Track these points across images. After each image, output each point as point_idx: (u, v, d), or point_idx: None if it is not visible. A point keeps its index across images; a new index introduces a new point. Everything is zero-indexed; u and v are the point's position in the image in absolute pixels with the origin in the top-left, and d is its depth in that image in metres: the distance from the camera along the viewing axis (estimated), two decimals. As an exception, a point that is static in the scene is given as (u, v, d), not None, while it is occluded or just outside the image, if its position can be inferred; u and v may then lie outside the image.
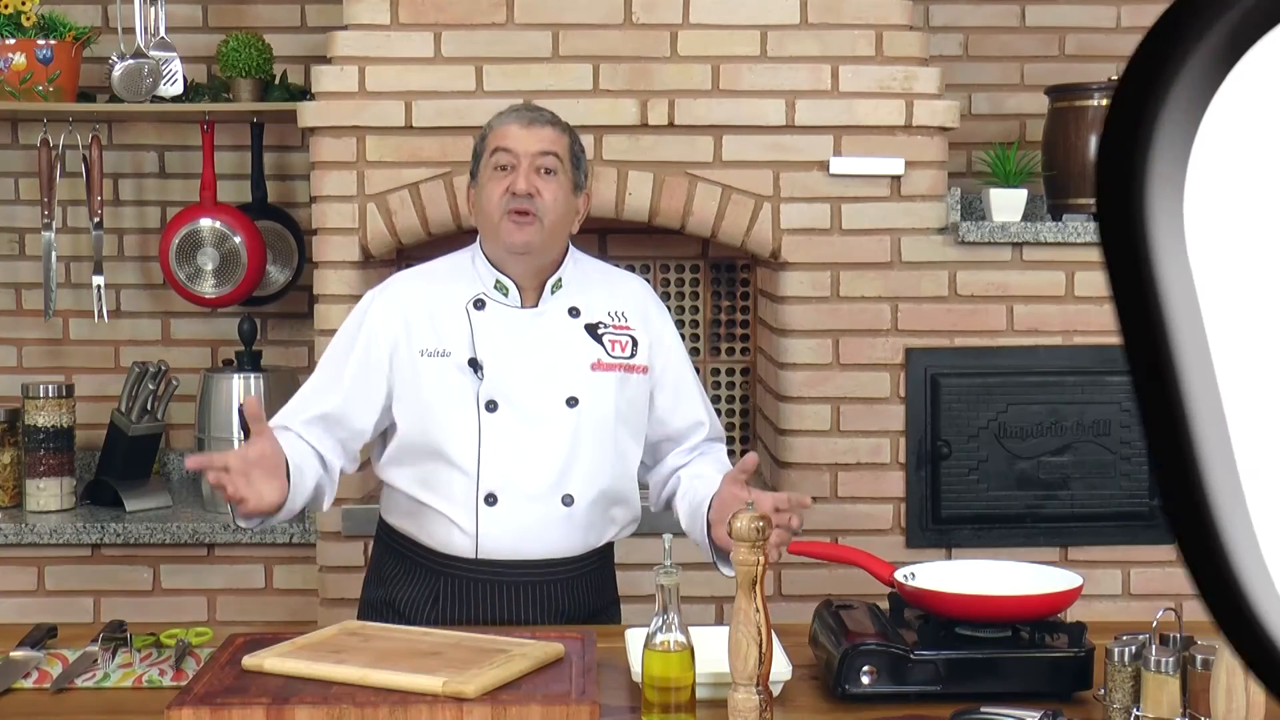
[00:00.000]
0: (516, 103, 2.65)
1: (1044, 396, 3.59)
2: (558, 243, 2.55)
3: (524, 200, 2.47)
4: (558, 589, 2.54)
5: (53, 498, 3.74)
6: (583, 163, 2.59)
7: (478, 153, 2.58)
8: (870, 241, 3.55)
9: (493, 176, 2.51)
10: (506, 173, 2.49)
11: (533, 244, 2.49)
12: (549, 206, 2.48)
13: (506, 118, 2.55)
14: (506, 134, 2.51)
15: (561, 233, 2.55)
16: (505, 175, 2.49)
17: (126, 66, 3.75)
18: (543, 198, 2.48)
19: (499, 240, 2.51)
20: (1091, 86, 3.68)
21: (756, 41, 3.50)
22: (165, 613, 3.61)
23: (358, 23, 3.50)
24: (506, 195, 2.48)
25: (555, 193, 2.50)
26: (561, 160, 2.52)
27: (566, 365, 2.53)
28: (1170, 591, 3.61)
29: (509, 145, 2.50)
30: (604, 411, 2.53)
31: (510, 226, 2.48)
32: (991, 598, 2.14)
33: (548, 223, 2.49)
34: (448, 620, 2.50)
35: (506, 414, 2.50)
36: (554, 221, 2.50)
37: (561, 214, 2.52)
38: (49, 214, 3.85)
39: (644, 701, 1.95)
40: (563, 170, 2.52)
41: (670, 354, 2.65)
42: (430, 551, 2.54)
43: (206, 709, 1.92)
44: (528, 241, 2.49)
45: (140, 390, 3.79)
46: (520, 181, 2.47)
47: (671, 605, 1.95)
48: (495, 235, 2.52)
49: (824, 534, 3.55)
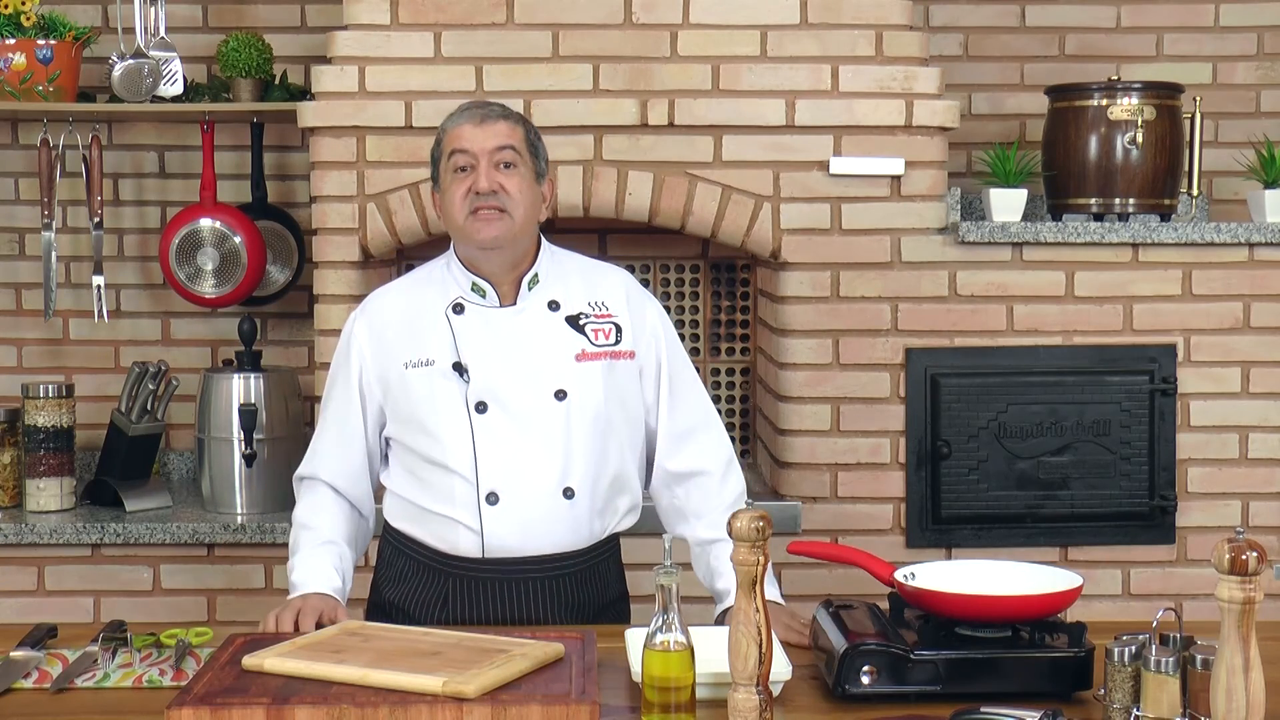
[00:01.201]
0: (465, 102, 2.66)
1: (1044, 396, 3.59)
2: (528, 233, 2.56)
3: (489, 198, 2.48)
4: (567, 583, 2.54)
5: (53, 498, 3.74)
6: (541, 150, 2.59)
7: (435, 157, 2.58)
8: (870, 241, 3.55)
9: (454, 179, 2.52)
10: (466, 174, 2.50)
11: (503, 238, 2.50)
12: (515, 199, 2.50)
13: (459, 119, 2.55)
14: (461, 135, 2.52)
15: (531, 223, 2.56)
16: (466, 176, 2.50)
17: (126, 66, 3.76)
18: (507, 192, 2.49)
19: (469, 239, 2.52)
20: (1091, 86, 3.68)
21: (756, 41, 3.50)
22: (165, 613, 3.61)
23: (358, 23, 3.50)
24: (470, 195, 2.49)
25: (519, 185, 2.51)
26: (520, 152, 2.52)
27: (551, 359, 2.54)
28: (1170, 591, 3.61)
29: (465, 146, 2.50)
30: (594, 401, 2.53)
31: (477, 224, 2.49)
32: (991, 598, 2.14)
33: (517, 216, 2.50)
34: (457, 620, 2.50)
35: (497, 414, 2.50)
36: (522, 214, 2.51)
37: (529, 205, 2.53)
38: (49, 214, 3.85)
39: (644, 701, 1.95)
40: (522, 162, 2.52)
41: (659, 341, 2.64)
42: (437, 553, 2.55)
43: (206, 709, 1.92)
44: (497, 236, 2.50)
45: (140, 390, 3.80)
46: (482, 180, 2.48)
47: (671, 605, 1.95)
48: (464, 235, 2.53)
49: (824, 534, 3.55)
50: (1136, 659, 1.94)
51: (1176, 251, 3.61)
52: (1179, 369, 3.62)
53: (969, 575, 2.25)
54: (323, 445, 2.66)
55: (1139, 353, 3.61)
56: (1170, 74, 3.95)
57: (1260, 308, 3.63)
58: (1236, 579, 1.70)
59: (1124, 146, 3.64)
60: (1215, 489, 3.66)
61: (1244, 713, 1.71)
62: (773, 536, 1.93)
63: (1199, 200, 3.84)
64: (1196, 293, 3.62)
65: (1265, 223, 3.62)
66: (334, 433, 2.65)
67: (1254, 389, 3.64)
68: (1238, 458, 3.66)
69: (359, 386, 2.60)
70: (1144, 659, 1.93)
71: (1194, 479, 3.65)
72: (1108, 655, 1.97)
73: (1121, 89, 3.65)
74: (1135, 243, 3.60)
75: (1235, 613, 1.71)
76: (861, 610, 2.24)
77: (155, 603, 3.67)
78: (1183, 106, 3.72)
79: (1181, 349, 3.63)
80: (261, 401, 3.73)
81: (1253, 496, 3.66)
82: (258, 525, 3.63)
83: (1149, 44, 4.12)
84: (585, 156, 3.49)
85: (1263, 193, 3.64)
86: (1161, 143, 3.65)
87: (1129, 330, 3.61)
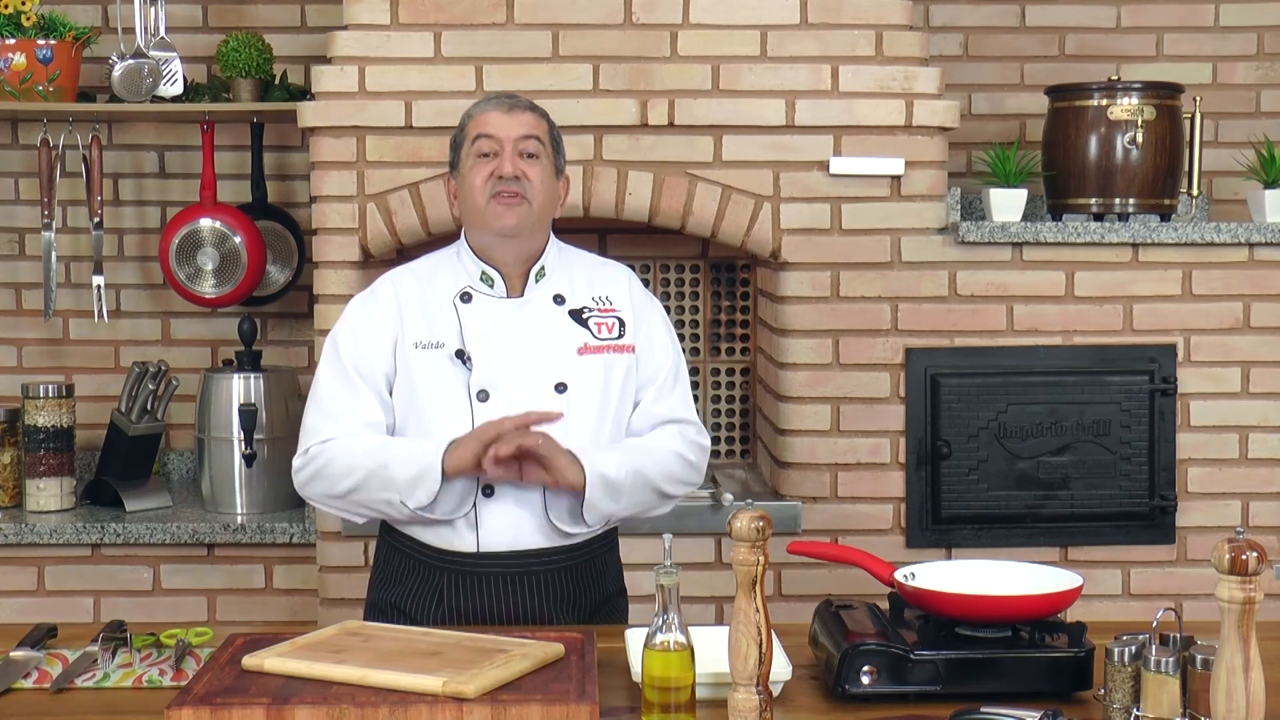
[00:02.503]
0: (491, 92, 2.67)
1: (1044, 396, 3.59)
2: (543, 225, 2.58)
3: (511, 183, 2.50)
4: (562, 577, 2.54)
5: (53, 498, 3.75)
6: (561, 147, 2.62)
7: (457, 143, 2.59)
8: (870, 241, 3.55)
9: (476, 164, 2.53)
10: (490, 159, 2.52)
11: (522, 225, 2.52)
12: (536, 189, 2.52)
13: (486, 105, 2.58)
14: (488, 120, 2.54)
15: (547, 215, 2.58)
16: (489, 161, 2.52)
17: (126, 66, 3.76)
18: (529, 179, 2.51)
19: (487, 225, 2.53)
20: (1091, 86, 3.68)
21: (756, 41, 3.50)
22: (165, 613, 3.61)
23: (358, 23, 3.50)
24: (492, 180, 2.50)
25: (540, 175, 2.53)
26: (543, 143, 2.55)
27: (554, 351, 2.54)
28: (1170, 591, 3.61)
29: (491, 131, 2.53)
30: (593, 395, 2.54)
31: (499, 209, 2.50)
32: (991, 598, 2.14)
33: (536, 205, 2.52)
34: (454, 617, 2.50)
35: (498, 403, 2.50)
36: (541, 203, 2.54)
37: (547, 196, 2.56)
38: (49, 214, 3.85)
39: (644, 701, 1.95)
40: (545, 153, 2.55)
41: (658, 339, 2.63)
42: (432, 549, 2.54)
43: (206, 709, 1.92)
44: (518, 223, 2.51)
45: (140, 390, 3.80)
46: (506, 165, 2.50)
47: (671, 605, 1.95)
48: (483, 221, 2.53)
49: (824, 534, 3.55)
50: (1136, 659, 1.94)
51: (1176, 251, 3.61)
52: (1179, 369, 3.62)
53: (969, 575, 2.26)
54: (337, 405, 2.55)
55: (1139, 353, 3.61)
56: (1170, 74, 3.95)
57: (1260, 308, 3.63)
58: (1236, 579, 1.70)
59: (1124, 146, 3.64)
60: (1215, 489, 3.66)
61: (1244, 713, 1.71)
62: (773, 536, 1.94)
63: (1199, 200, 3.84)
64: (1196, 293, 3.62)
65: (1265, 223, 3.62)
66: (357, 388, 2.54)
67: (1254, 389, 3.64)
68: (1238, 458, 3.66)
69: (393, 342, 2.54)
70: (1144, 659, 1.93)
71: (1194, 479, 3.65)
72: (1108, 655, 1.97)
73: (1121, 89, 3.65)
74: (1135, 243, 3.60)
75: (1235, 613, 1.71)
76: (861, 610, 2.24)
77: (155, 603, 3.67)
78: (1183, 106, 3.72)
79: (1181, 349, 3.63)
80: (261, 401, 3.73)
81: (1253, 496, 3.66)
82: (258, 525, 3.63)
83: (1149, 44, 4.12)
84: (585, 156, 3.49)
85: (1263, 193, 3.64)
86: (1161, 143, 3.65)
87: (1129, 330, 3.61)
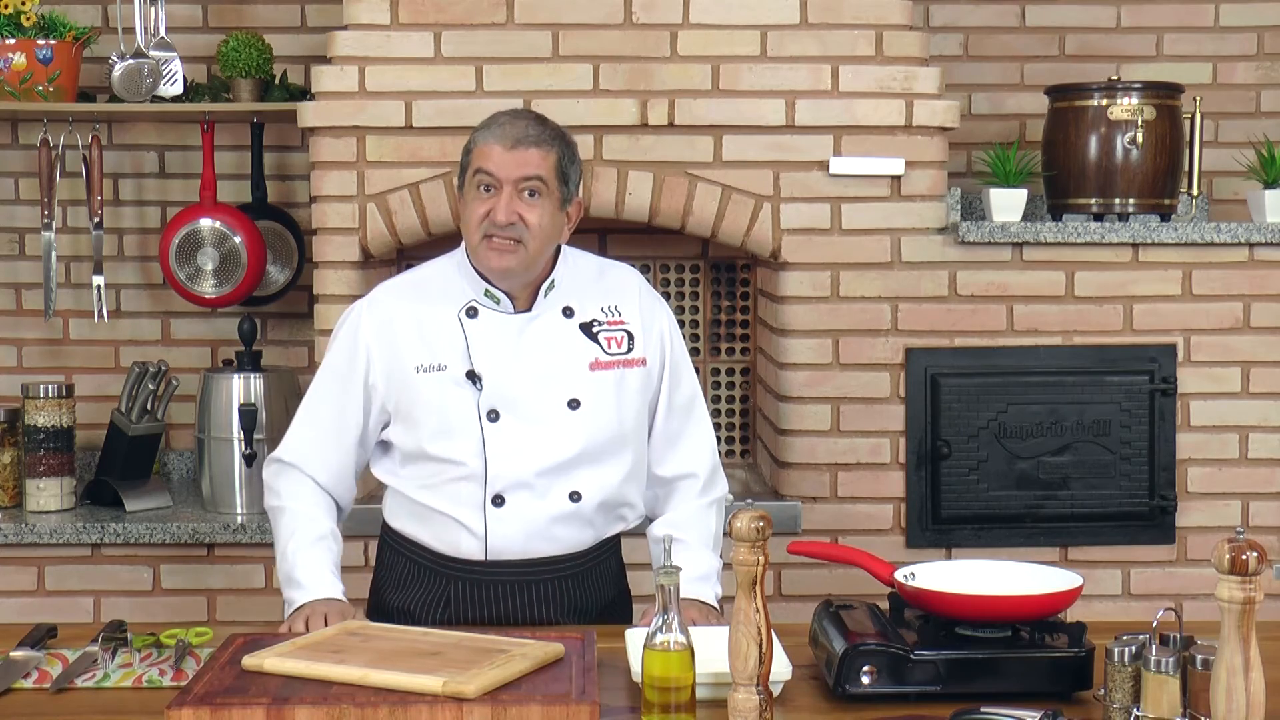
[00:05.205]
0: (506, 108, 2.60)
1: (1044, 396, 3.59)
2: (542, 259, 2.52)
3: (506, 229, 2.43)
4: (569, 584, 2.54)
5: (53, 498, 3.74)
6: (572, 175, 2.51)
7: (463, 165, 2.52)
8: (870, 241, 3.55)
9: (475, 196, 2.47)
10: (489, 194, 2.45)
11: (514, 269, 2.47)
12: (534, 231, 2.44)
13: (490, 135, 2.47)
14: (490, 155, 2.45)
15: (546, 250, 2.51)
16: (487, 198, 2.45)
17: (126, 66, 3.75)
18: (525, 224, 2.44)
19: (480, 263, 2.50)
20: (1091, 86, 3.68)
21: (756, 41, 3.50)
22: (165, 613, 3.61)
23: (358, 23, 3.50)
24: (488, 221, 2.44)
25: (539, 216, 2.45)
26: (546, 182, 2.45)
27: (565, 368, 2.52)
28: (1170, 591, 3.61)
29: (490, 169, 2.44)
30: (606, 411, 2.52)
31: (490, 253, 2.45)
32: (991, 598, 2.14)
33: (532, 247, 2.46)
34: (460, 621, 2.50)
35: (509, 421, 2.49)
36: (540, 244, 2.47)
37: (546, 236, 2.48)
38: (49, 214, 3.85)
39: (644, 701, 1.95)
40: (548, 192, 2.46)
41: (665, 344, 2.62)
42: (439, 555, 2.54)
43: (206, 709, 1.92)
44: (508, 268, 2.47)
45: (140, 390, 3.79)
46: (500, 213, 2.42)
47: (671, 605, 1.95)
48: (476, 257, 2.50)
49: (824, 534, 3.55)
50: (1136, 659, 1.94)
51: (1176, 251, 3.61)
52: (1179, 369, 3.62)
53: (969, 575, 2.25)
54: (310, 435, 2.60)
55: (1139, 353, 3.61)
56: (1170, 74, 3.95)
57: (1260, 308, 3.63)
58: (1236, 579, 1.70)
59: (1124, 146, 3.64)
60: (1215, 489, 3.66)
61: (1244, 713, 1.71)
62: (773, 536, 1.93)
63: (1199, 200, 3.84)
64: (1196, 293, 3.62)
65: (1265, 223, 3.62)
66: (326, 426, 2.58)
67: (1254, 389, 3.64)
68: (1238, 458, 3.66)
69: (364, 382, 2.54)
70: (1144, 659, 1.93)
71: (1194, 479, 3.65)
72: (1108, 655, 1.97)
73: (1121, 89, 3.65)
74: (1135, 243, 3.60)
75: (1235, 613, 1.71)
76: (861, 610, 2.24)
77: (155, 603, 3.67)
78: (1183, 106, 3.72)
79: (1181, 349, 3.63)
80: (261, 401, 3.73)
81: (1253, 496, 3.66)
82: (258, 525, 3.63)
83: (1149, 44, 4.12)
84: (585, 156, 3.45)
85: (1263, 193, 3.64)
86: (1161, 143, 3.65)
87: (1129, 330, 3.61)
